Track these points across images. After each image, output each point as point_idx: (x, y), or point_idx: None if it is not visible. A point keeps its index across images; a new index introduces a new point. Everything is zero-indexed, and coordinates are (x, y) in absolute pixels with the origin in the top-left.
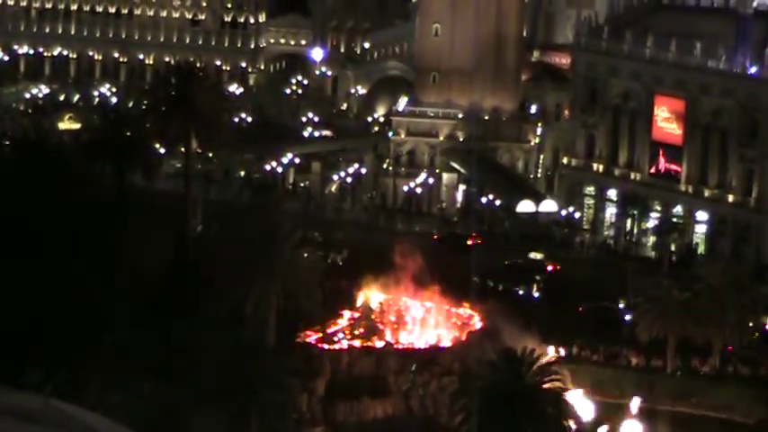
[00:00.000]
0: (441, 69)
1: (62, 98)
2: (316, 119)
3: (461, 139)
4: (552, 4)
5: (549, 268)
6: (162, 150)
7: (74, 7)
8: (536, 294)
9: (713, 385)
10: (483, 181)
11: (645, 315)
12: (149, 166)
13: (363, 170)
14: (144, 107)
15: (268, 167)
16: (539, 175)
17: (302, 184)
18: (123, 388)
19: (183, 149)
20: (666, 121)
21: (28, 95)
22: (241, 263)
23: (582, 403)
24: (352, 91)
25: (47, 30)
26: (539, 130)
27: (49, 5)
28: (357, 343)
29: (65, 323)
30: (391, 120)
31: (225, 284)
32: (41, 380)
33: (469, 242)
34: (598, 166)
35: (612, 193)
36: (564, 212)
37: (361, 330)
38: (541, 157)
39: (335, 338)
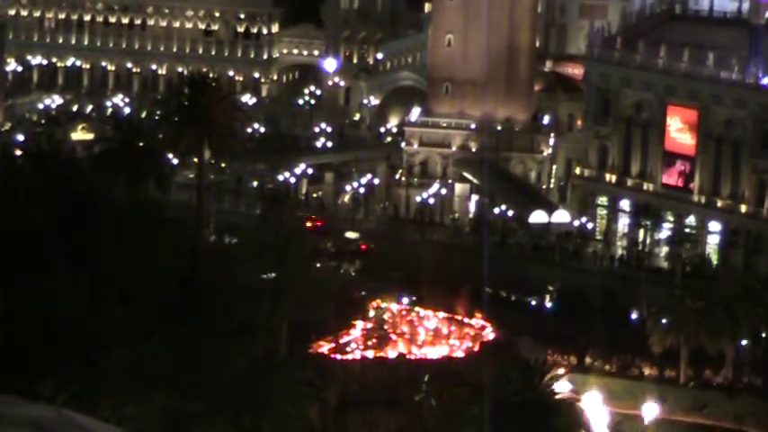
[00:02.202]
0: (453, 80)
1: (75, 109)
2: (328, 129)
3: (474, 150)
4: (565, 15)
5: (363, 247)
6: (175, 161)
7: (87, 18)
8: (548, 305)
9: (726, 396)
10: (496, 191)
11: (658, 326)
12: (162, 176)
13: (376, 181)
14: (157, 118)
15: (281, 178)
16: (551, 186)
17: (315, 195)
18: (135, 399)
19: (195, 160)
20: (679, 131)
21: (41, 106)
22: (254, 273)
23: (594, 414)
24: (365, 101)
25: (60, 40)
26: (551, 141)
27: (62, 16)
28: (370, 353)
29: (77, 334)
30: (404, 130)
31: (237, 295)
32: (54, 391)
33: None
34: (611, 177)
35: (625, 204)
36: (576, 223)
37: (374, 341)
38: (554, 167)
39: (348, 349)
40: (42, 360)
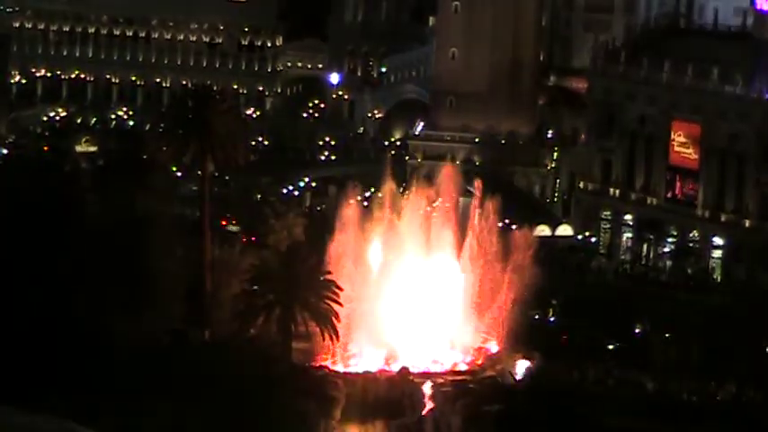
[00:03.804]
0: (457, 93)
1: (79, 121)
2: (332, 142)
3: (478, 163)
4: (569, 29)
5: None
6: (178, 173)
7: (91, 31)
8: (551, 318)
9: (729, 411)
10: (499, 205)
11: (661, 339)
12: (166, 189)
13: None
14: (160, 130)
15: (285, 191)
16: (555, 200)
17: (318, 208)
18: (138, 411)
19: (199, 173)
20: (683, 145)
21: (45, 118)
22: (257, 286)
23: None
24: (369, 115)
25: (64, 53)
26: (555, 155)
27: (66, 29)
28: (373, 366)
29: (80, 345)
30: (408, 143)
31: (241, 308)
32: (57, 402)
33: None
34: (614, 191)
35: (629, 218)
36: (580, 237)
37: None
38: (558, 181)
39: (351, 361)
40: (45, 371)
